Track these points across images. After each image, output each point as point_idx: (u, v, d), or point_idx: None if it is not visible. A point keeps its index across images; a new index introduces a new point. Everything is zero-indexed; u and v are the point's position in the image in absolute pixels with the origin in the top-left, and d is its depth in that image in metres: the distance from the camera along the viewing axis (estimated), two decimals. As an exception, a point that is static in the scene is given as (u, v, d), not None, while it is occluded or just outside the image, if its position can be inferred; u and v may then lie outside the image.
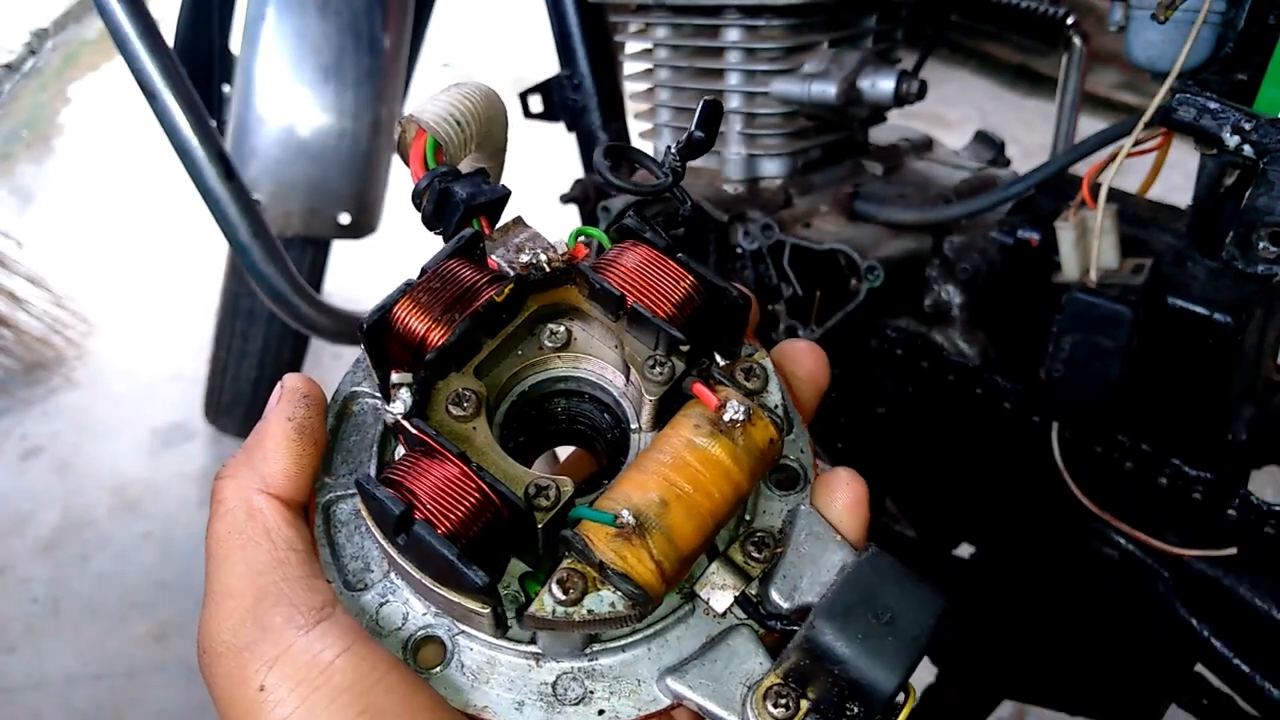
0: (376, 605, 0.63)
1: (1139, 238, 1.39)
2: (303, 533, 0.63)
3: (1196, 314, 1.26)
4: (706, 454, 0.60)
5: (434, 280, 0.63)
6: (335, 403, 0.70)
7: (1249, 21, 1.13)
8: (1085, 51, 1.78)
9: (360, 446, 0.69)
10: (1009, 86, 5.56)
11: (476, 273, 0.64)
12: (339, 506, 0.67)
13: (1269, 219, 1.06)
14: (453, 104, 0.72)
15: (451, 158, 0.71)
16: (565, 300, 0.69)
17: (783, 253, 1.53)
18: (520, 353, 0.69)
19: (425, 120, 0.71)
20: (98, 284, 4.01)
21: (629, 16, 1.68)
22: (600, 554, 0.56)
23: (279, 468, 0.64)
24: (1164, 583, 1.37)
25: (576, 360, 0.69)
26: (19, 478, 3.24)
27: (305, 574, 0.61)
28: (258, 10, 2.36)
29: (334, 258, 2.76)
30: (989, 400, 1.47)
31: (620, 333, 0.66)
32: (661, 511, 0.58)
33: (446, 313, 0.62)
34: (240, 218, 1.63)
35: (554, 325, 0.69)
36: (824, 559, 0.63)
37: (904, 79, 1.52)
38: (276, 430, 0.64)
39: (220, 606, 0.59)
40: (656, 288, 0.64)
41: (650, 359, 0.64)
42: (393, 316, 0.62)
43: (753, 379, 0.66)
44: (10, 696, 2.57)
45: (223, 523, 0.62)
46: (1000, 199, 1.47)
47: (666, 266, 0.65)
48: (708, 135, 0.71)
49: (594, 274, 0.65)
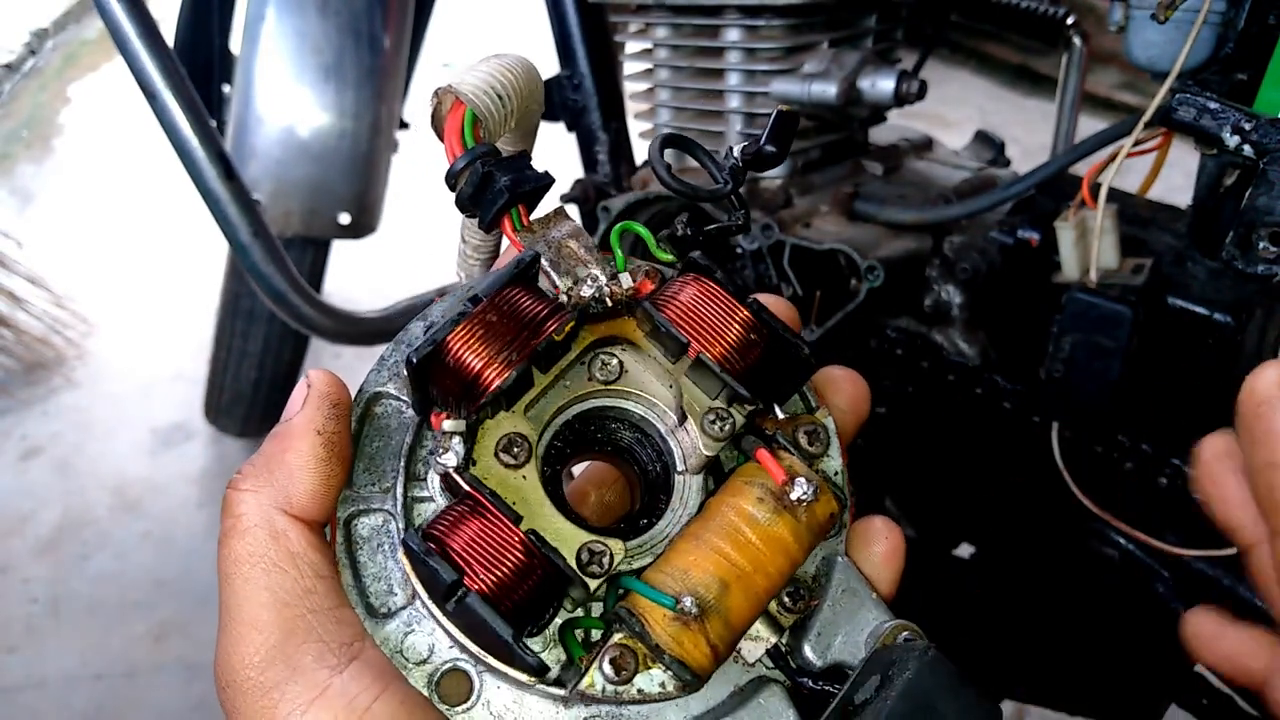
0: (402, 635, 0.60)
1: (1139, 238, 1.39)
2: (328, 556, 0.60)
3: (1196, 314, 1.26)
4: (769, 532, 0.57)
5: (491, 311, 0.58)
6: (358, 404, 0.64)
7: (1249, 21, 1.13)
8: (1085, 51, 1.78)
9: (384, 455, 0.64)
10: (1009, 86, 5.55)
11: (536, 303, 0.59)
12: (360, 521, 0.63)
13: (1269, 219, 1.06)
14: (493, 75, 0.65)
15: (490, 134, 0.65)
16: (622, 333, 0.64)
17: (783, 253, 1.53)
18: (568, 384, 0.64)
19: (464, 92, 0.64)
20: (98, 284, 4.01)
21: (629, 16, 1.67)
22: (657, 638, 0.54)
23: (305, 488, 0.59)
24: (1164, 583, 1.37)
25: (626, 394, 0.65)
26: (19, 478, 3.24)
27: (333, 604, 0.58)
28: (258, 10, 2.36)
29: (334, 258, 2.76)
30: (989, 400, 1.47)
31: (679, 376, 0.63)
32: (721, 594, 0.55)
33: (504, 350, 0.57)
34: (240, 218, 1.64)
35: (606, 356, 0.64)
36: (859, 616, 0.61)
37: (904, 79, 1.52)
38: (303, 445, 0.59)
39: (244, 638, 0.56)
40: (723, 336, 0.60)
41: (711, 412, 0.61)
42: (446, 348, 0.57)
43: (815, 443, 0.63)
44: (10, 696, 2.57)
45: (242, 543, 0.58)
46: (1000, 199, 1.47)
47: (736, 314, 0.61)
48: (780, 150, 0.66)
49: (659, 314, 0.61)
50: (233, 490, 0.60)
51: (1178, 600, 1.36)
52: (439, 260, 3.91)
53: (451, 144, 0.63)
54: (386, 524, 0.62)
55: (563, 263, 0.63)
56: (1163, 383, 1.32)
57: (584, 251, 0.64)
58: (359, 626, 0.59)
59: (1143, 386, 1.29)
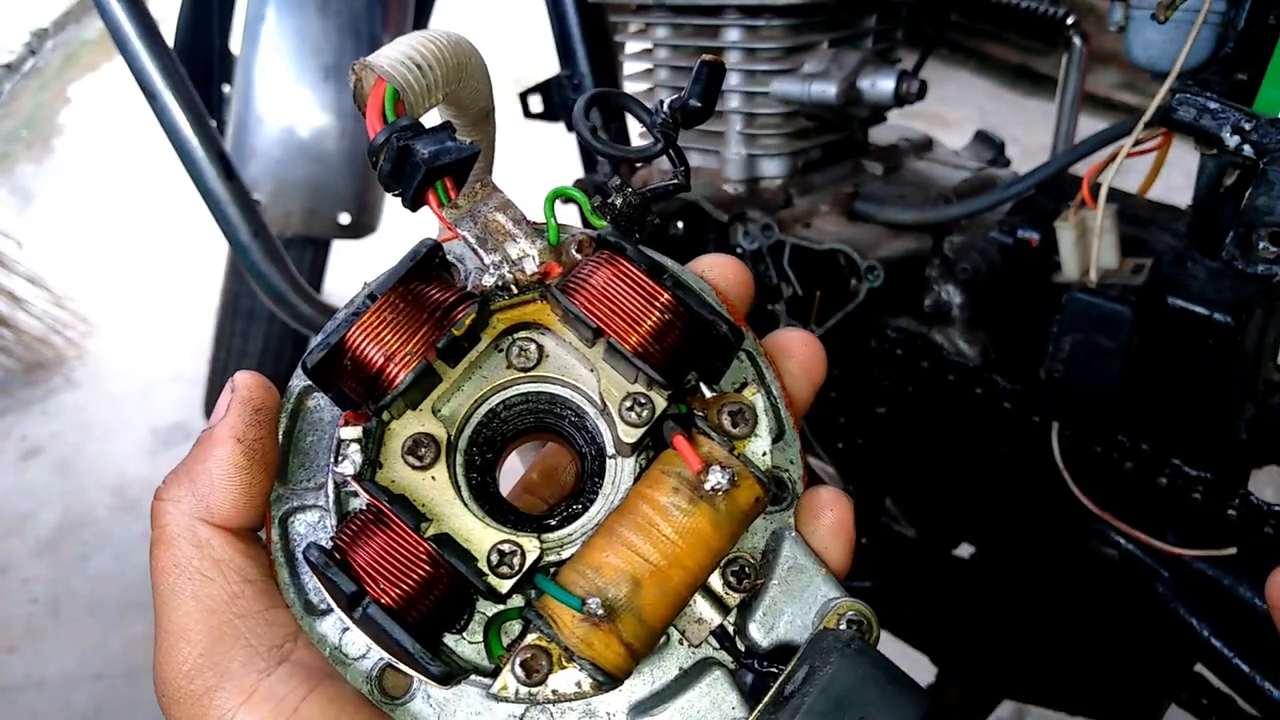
0: (339, 631, 0.59)
1: (1139, 238, 1.39)
2: (257, 558, 0.59)
3: (1196, 314, 1.26)
4: (685, 524, 0.55)
5: (387, 308, 0.56)
6: (288, 400, 0.63)
7: (1249, 21, 1.13)
8: (1085, 51, 1.78)
9: (318, 449, 0.63)
10: (1009, 86, 5.55)
11: (437, 294, 0.57)
12: (297, 518, 0.62)
13: (1269, 219, 1.06)
14: (413, 47, 0.63)
15: (412, 109, 0.62)
16: (536, 319, 0.62)
17: (783, 253, 1.53)
18: (485, 375, 0.61)
19: (380, 66, 0.61)
20: (98, 284, 4.01)
21: (629, 16, 1.67)
22: (567, 640, 0.53)
23: (226, 497, 0.58)
24: (1164, 583, 1.37)
25: (549, 379, 0.62)
26: (19, 478, 3.25)
27: (262, 607, 0.58)
28: (258, 10, 2.36)
29: (334, 258, 2.76)
30: (989, 400, 1.47)
31: (595, 360, 0.60)
32: (633, 593, 0.54)
33: (403, 347, 0.55)
34: (240, 218, 1.63)
35: (523, 342, 0.62)
36: (808, 594, 0.59)
37: (904, 79, 1.52)
38: (223, 453, 0.58)
39: (174, 649, 0.57)
40: (636, 317, 0.57)
41: (629, 398, 0.58)
42: (343, 349, 0.55)
43: (740, 423, 0.60)
44: (10, 696, 2.57)
45: (167, 553, 0.57)
46: (1000, 199, 1.47)
47: (648, 292, 0.58)
48: (705, 104, 0.63)
49: (566, 299, 0.58)
50: (156, 500, 0.59)
51: (1177, 600, 1.36)
52: (439, 260, 3.90)
53: (372, 120, 0.61)
54: (322, 520, 0.61)
55: (490, 238, 0.61)
56: (1163, 383, 1.31)
57: (512, 225, 0.62)
58: (291, 627, 0.58)
59: (1143, 386, 1.29)
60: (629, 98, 0.68)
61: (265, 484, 0.59)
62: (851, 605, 0.58)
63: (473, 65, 0.67)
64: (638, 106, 0.67)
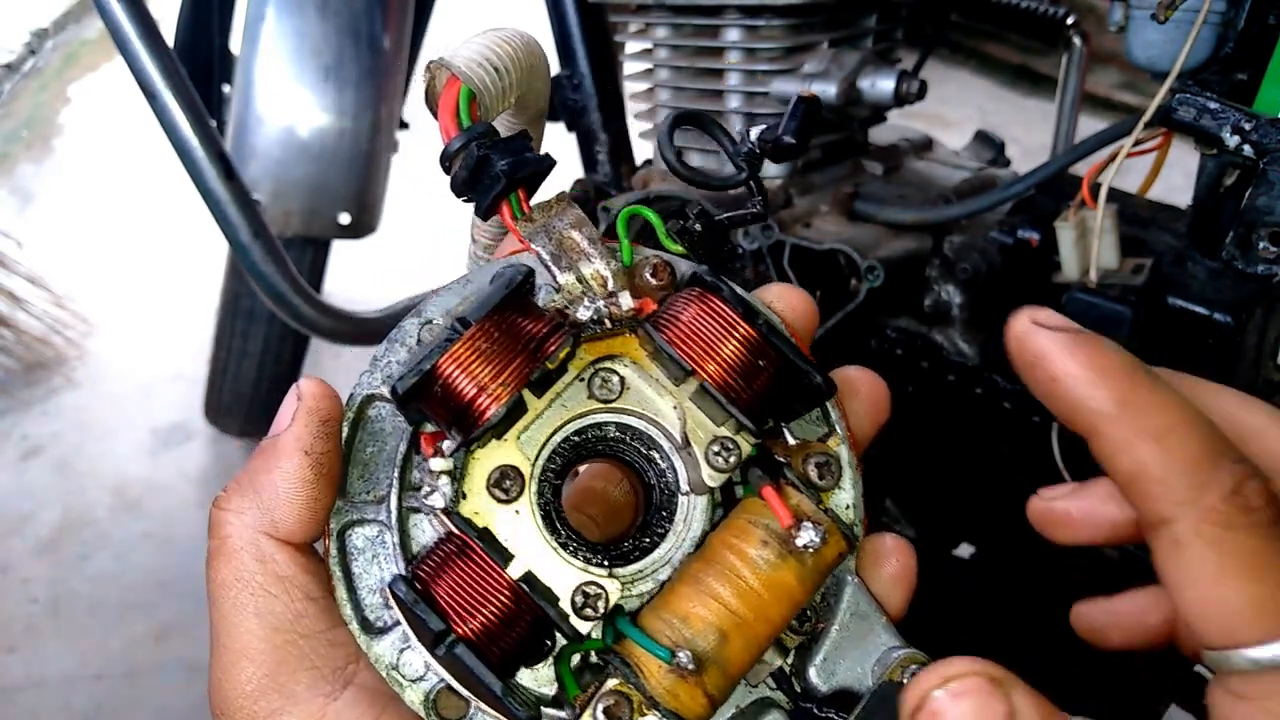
0: (397, 651, 0.58)
1: (1139, 238, 1.39)
2: (318, 575, 0.58)
3: (1196, 314, 1.26)
4: (773, 578, 0.55)
5: (481, 337, 0.54)
6: (350, 408, 0.61)
7: (1249, 21, 1.13)
8: (1085, 51, 1.78)
9: (379, 462, 0.61)
10: (1009, 86, 5.55)
11: (530, 325, 0.56)
12: (355, 532, 0.60)
13: (1269, 219, 1.06)
14: (489, 48, 0.61)
15: (487, 112, 0.61)
16: (623, 351, 0.61)
17: (783, 253, 1.53)
18: (565, 404, 0.60)
19: (458, 66, 0.59)
20: (98, 284, 4.01)
21: (629, 16, 1.68)
22: (653, 690, 0.53)
23: (292, 512, 0.56)
24: (1164, 583, 1.37)
25: (628, 412, 0.61)
26: (19, 478, 3.24)
27: (325, 627, 0.57)
28: (258, 10, 2.36)
29: (334, 258, 2.76)
30: (989, 400, 1.47)
31: (682, 399, 0.59)
32: (720, 646, 0.54)
33: (497, 378, 0.54)
34: (240, 218, 1.63)
35: (606, 373, 0.60)
36: (868, 641, 0.59)
37: (904, 79, 1.52)
38: (290, 466, 0.56)
39: (235, 667, 0.55)
40: (730, 361, 0.56)
41: (716, 441, 0.58)
42: (434, 377, 0.54)
43: (826, 475, 0.60)
44: (10, 696, 2.57)
45: (229, 567, 0.56)
46: (1000, 199, 1.47)
47: (745, 338, 0.57)
48: (799, 141, 0.62)
49: (660, 337, 0.57)
50: (217, 510, 0.58)
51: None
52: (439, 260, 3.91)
53: (446, 123, 0.59)
54: (381, 534, 0.60)
55: (564, 256, 0.60)
56: (1163, 383, 1.31)
57: (587, 244, 0.60)
58: (351, 648, 0.58)
59: (1143, 386, 1.29)
60: (713, 121, 0.66)
61: (329, 498, 0.58)
62: (915, 657, 0.58)
63: (539, 66, 0.66)
64: (720, 132, 0.65)
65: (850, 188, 1.60)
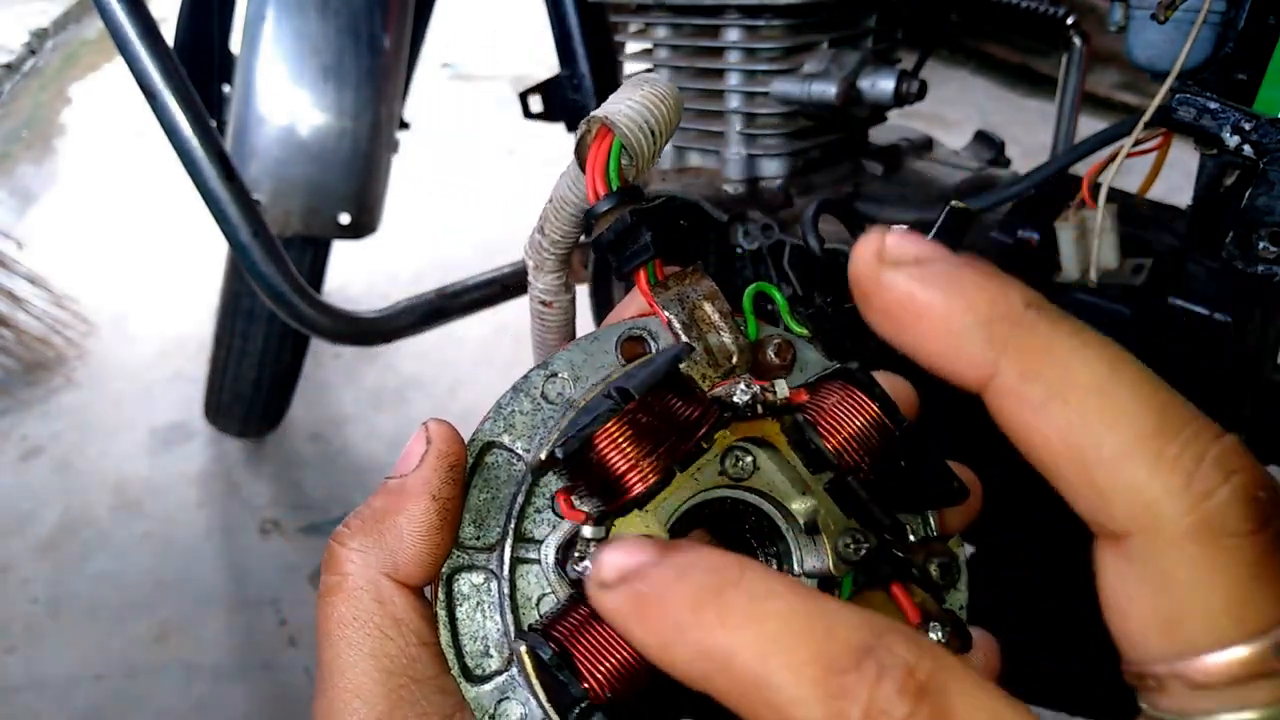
0: (495, 700, 0.58)
1: (1139, 238, 1.39)
2: (430, 620, 0.58)
3: (1196, 314, 1.26)
4: None
5: (642, 412, 0.55)
6: (470, 453, 0.61)
7: (1249, 21, 1.13)
8: (1085, 51, 1.78)
9: (492, 508, 0.61)
10: (1009, 86, 5.56)
11: (686, 406, 0.56)
12: (463, 577, 0.60)
13: (1269, 219, 1.06)
14: (649, 108, 0.60)
15: (637, 173, 0.61)
16: (762, 434, 0.61)
17: (783, 253, 1.53)
18: (697, 477, 0.60)
19: (619, 125, 0.59)
20: (98, 284, 4.01)
21: (629, 16, 1.68)
22: None
23: (414, 555, 0.56)
24: (1164, 583, 1.37)
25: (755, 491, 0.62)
26: (19, 478, 3.24)
27: (435, 673, 0.57)
28: (258, 10, 2.36)
29: (334, 258, 2.76)
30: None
31: (817, 489, 0.60)
32: None
33: (652, 454, 0.54)
34: (240, 218, 1.64)
35: (740, 452, 0.61)
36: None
37: (904, 79, 1.52)
38: (417, 510, 0.56)
39: (347, 707, 0.55)
40: (871, 461, 0.57)
41: (847, 533, 0.58)
42: (593, 446, 0.54)
43: (946, 576, 0.61)
44: (10, 696, 2.57)
45: (347, 605, 0.56)
46: (1000, 199, 1.47)
47: (893, 442, 0.58)
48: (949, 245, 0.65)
49: (812, 430, 0.58)
50: (338, 545, 0.57)
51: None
52: (439, 260, 3.91)
53: (595, 180, 0.59)
54: (488, 582, 0.60)
55: (695, 327, 0.61)
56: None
57: (719, 317, 0.61)
58: (457, 695, 0.58)
59: (1143, 386, 1.29)
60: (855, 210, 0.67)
61: (449, 544, 0.58)
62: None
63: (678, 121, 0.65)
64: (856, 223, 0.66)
65: (850, 188, 1.60)
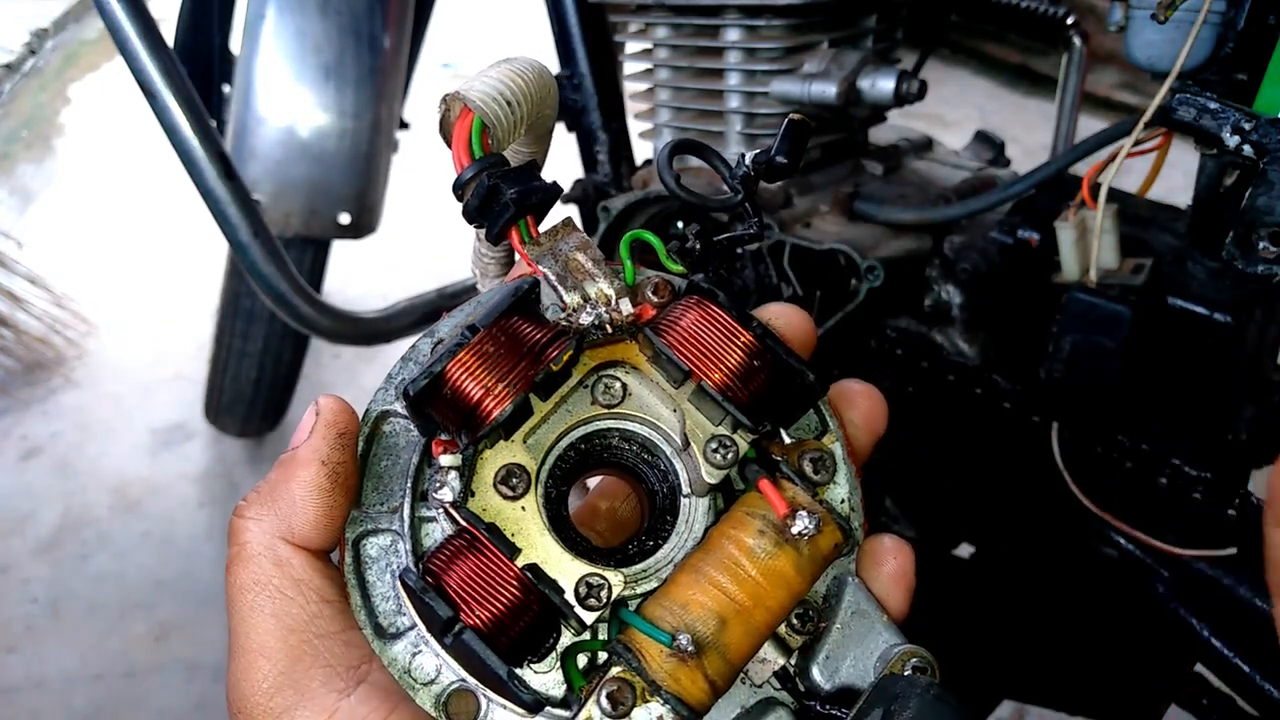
0: (409, 655, 0.60)
1: (1139, 238, 1.39)
2: (334, 579, 0.60)
3: (1196, 314, 1.26)
4: (770, 566, 0.57)
5: (489, 341, 0.57)
6: (365, 424, 0.64)
7: (1249, 21, 1.13)
8: (1085, 51, 1.78)
9: (392, 474, 0.64)
10: (1009, 86, 5.55)
11: (535, 331, 0.59)
12: (369, 541, 0.63)
13: (1269, 219, 1.06)
14: (503, 81, 0.63)
15: (498, 143, 0.64)
16: (624, 357, 0.64)
17: (783, 253, 1.53)
18: (570, 409, 0.63)
19: (472, 99, 0.62)
20: (98, 284, 4.01)
21: (629, 16, 1.68)
22: (654, 674, 0.54)
23: (308, 518, 0.59)
24: (1164, 583, 1.37)
25: (630, 417, 0.64)
26: (19, 478, 3.24)
27: (339, 628, 0.59)
28: (258, 10, 2.36)
29: (334, 258, 2.76)
30: (989, 400, 1.47)
31: (681, 401, 0.62)
32: (719, 631, 0.55)
33: (503, 381, 0.57)
34: (240, 218, 1.64)
35: (608, 379, 0.64)
36: (869, 639, 0.60)
37: (904, 79, 1.52)
38: (307, 475, 0.59)
39: (252, 666, 0.57)
40: (726, 363, 0.59)
41: (714, 439, 0.61)
42: (444, 380, 0.57)
43: (821, 470, 0.62)
44: (10, 696, 2.57)
45: (246, 571, 0.58)
46: (1000, 199, 1.47)
47: (739, 340, 0.60)
48: (790, 161, 0.66)
49: (660, 341, 0.60)
50: (237, 518, 0.60)
51: (1177, 600, 1.36)
52: (439, 260, 3.91)
53: (459, 154, 0.62)
54: (395, 544, 0.62)
55: (570, 277, 0.62)
56: (1163, 383, 1.32)
57: (591, 265, 0.63)
58: (366, 649, 0.59)
59: (1143, 387, 1.29)
60: (707, 147, 0.69)
61: (345, 507, 0.60)
62: (915, 651, 0.59)
63: (550, 95, 0.68)
64: (716, 158, 0.69)
65: (850, 188, 1.60)
